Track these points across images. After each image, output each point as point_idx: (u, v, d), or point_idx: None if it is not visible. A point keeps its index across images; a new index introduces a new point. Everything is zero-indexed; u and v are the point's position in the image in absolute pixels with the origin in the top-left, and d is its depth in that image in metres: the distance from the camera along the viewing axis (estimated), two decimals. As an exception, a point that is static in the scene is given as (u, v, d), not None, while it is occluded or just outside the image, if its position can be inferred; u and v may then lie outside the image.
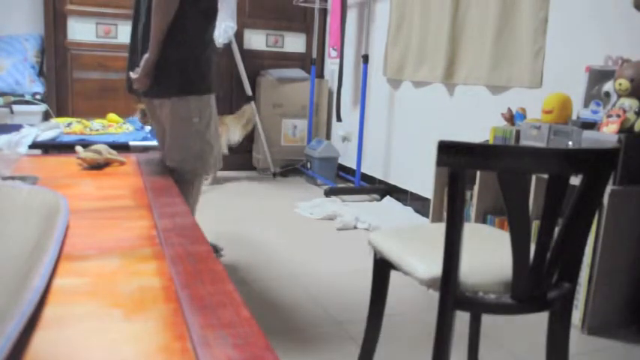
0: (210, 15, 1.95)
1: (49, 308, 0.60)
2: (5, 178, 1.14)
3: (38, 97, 4.17)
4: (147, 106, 2.12)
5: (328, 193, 3.97)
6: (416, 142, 3.80)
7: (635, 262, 2.11)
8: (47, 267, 0.66)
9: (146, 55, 1.88)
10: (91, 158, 1.48)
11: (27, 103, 4.07)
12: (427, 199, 3.29)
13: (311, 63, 4.75)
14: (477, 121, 3.16)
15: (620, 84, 2.10)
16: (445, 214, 2.61)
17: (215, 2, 1.97)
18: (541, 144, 2.31)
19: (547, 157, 1.10)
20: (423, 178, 3.52)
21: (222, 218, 3.41)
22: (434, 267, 1.18)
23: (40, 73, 4.30)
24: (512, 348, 1.95)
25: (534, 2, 2.76)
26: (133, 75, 1.93)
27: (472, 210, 2.66)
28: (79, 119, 2.80)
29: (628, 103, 2.08)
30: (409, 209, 3.76)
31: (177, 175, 1.98)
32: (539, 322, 1.42)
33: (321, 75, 5.05)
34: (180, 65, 1.90)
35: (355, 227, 3.32)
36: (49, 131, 2.40)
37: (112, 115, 2.91)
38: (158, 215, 1.01)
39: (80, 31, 4.39)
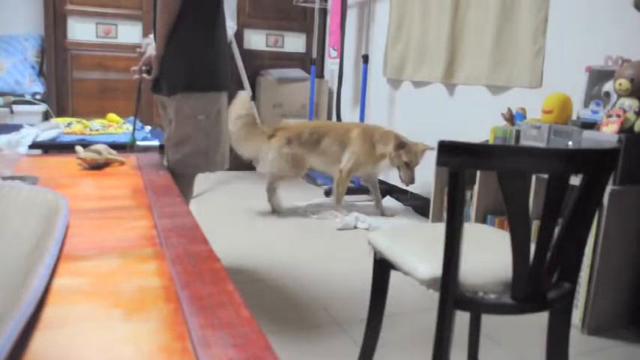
0: (212, 11, 1.95)
1: (49, 308, 0.60)
2: (5, 178, 1.14)
3: (38, 97, 4.17)
4: (159, 102, 2.14)
5: (328, 193, 3.97)
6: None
7: (635, 262, 2.11)
8: (47, 267, 0.66)
9: (154, 53, 1.92)
10: (91, 158, 1.47)
11: (27, 103, 4.07)
12: (427, 199, 3.29)
13: (311, 63, 4.75)
14: (477, 121, 3.15)
15: (620, 84, 2.10)
16: (445, 214, 2.60)
17: None
18: (541, 144, 2.31)
19: (547, 157, 1.10)
20: (423, 178, 3.52)
21: (222, 218, 3.41)
22: (434, 267, 1.18)
23: (40, 73, 4.30)
24: (512, 348, 1.95)
25: (534, 2, 2.76)
26: (143, 74, 1.97)
27: (472, 210, 2.66)
28: (79, 119, 2.80)
29: (628, 103, 2.08)
30: (409, 209, 3.76)
31: (180, 169, 1.99)
32: (539, 322, 1.42)
33: (321, 75, 5.05)
34: (185, 62, 1.91)
35: (355, 227, 3.32)
36: (49, 131, 2.39)
37: (112, 115, 2.91)
38: (158, 215, 1.01)
39: (80, 31, 4.39)
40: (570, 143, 2.19)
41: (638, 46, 2.27)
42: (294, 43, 5.03)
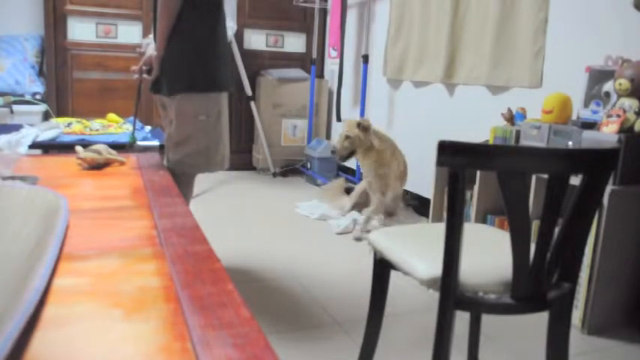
0: (213, 11, 1.96)
1: (49, 308, 0.60)
2: (5, 178, 1.14)
3: (38, 97, 4.17)
4: (159, 102, 2.14)
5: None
6: (416, 142, 3.79)
7: (635, 262, 2.11)
8: (47, 267, 0.66)
9: (154, 53, 1.93)
10: (91, 158, 1.48)
11: (27, 103, 4.08)
12: (427, 199, 3.29)
13: (311, 63, 4.75)
14: (477, 121, 3.15)
15: (620, 84, 2.10)
16: (445, 214, 2.61)
17: None
18: (541, 144, 2.31)
19: (547, 157, 1.10)
20: (423, 178, 3.52)
21: (222, 218, 3.42)
22: (434, 267, 1.18)
23: (40, 73, 4.30)
24: (512, 348, 1.95)
25: (534, 2, 2.76)
26: (144, 74, 1.97)
27: (472, 210, 2.66)
28: (79, 119, 2.80)
29: (628, 103, 2.08)
30: (409, 209, 3.76)
31: (180, 169, 1.99)
32: (539, 322, 1.42)
33: (321, 75, 5.05)
34: (186, 63, 1.92)
35: (355, 228, 3.32)
36: (49, 131, 2.39)
37: (112, 115, 2.91)
38: (158, 215, 1.01)
39: (80, 31, 4.39)
40: (570, 143, 2.19)
41: (638, 46, 2.27)
42: (294, 43, 5.03)
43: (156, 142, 2.46)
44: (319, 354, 1.85)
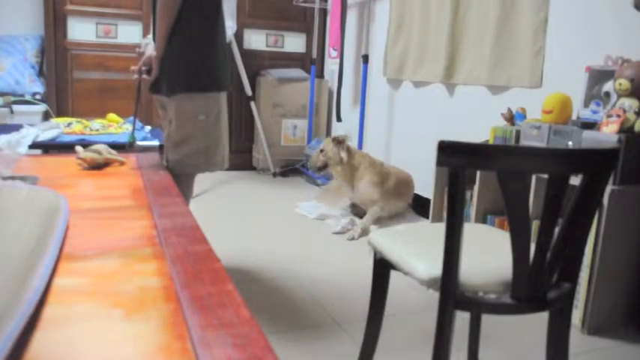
0: (212, 11, 1.96)
1: (49, 308, 0.60)
2: (5, 178, 1.14)
3: (38, 97, 4.17)
4: (158, 102, 2.14)
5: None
6: (416, 142, 3.80)
7: (635, 261, 2.11)
8: (47, 267, 0.66)
9: (153, 53, 1.92)
10: (91, 158, 1.48)
11: (27, 103, 4.07)
12: (427, 199, 3.30)
13: (311, 63, 4.75)
14: (477, 121, 3.15)
15: (620, 84, 2.10)
16: (445, 214, 2.61)
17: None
18: (541, 144, 2.31)
19: (547, 157, 1.10)
20: (422, 178, 3.52)
21: (222, 218, 3.42)
22: (434, 267, 1.18)
23: (40, 73, 4.30)
24: (512, 348, 1.95)
25: (534, 3, 2.76)
26: (143, 75, 1.97)
27: (472, 210, 2.66)
28: (79, 119, 2.80)
29: (628, 103, 2.08)
30: (409, 209, 3.76)
31: (179, 169, 1.99)
32: (539, 322, 1.42)
33: (321, 75, 5.05)
34: (185, 62, 1.92)
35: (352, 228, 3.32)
36: (49, 131, 2.39)
37: (112, 115, 2.90)
38: (158, 215, 1.01)
39: (80, 31, 4.39)
40: (570, 143, 2.19)
41: (638, 46, 2.27)
42: (294, 43, 5.03)
43: (156, 142, 2.46)
44: (319, 354, 1.85)
